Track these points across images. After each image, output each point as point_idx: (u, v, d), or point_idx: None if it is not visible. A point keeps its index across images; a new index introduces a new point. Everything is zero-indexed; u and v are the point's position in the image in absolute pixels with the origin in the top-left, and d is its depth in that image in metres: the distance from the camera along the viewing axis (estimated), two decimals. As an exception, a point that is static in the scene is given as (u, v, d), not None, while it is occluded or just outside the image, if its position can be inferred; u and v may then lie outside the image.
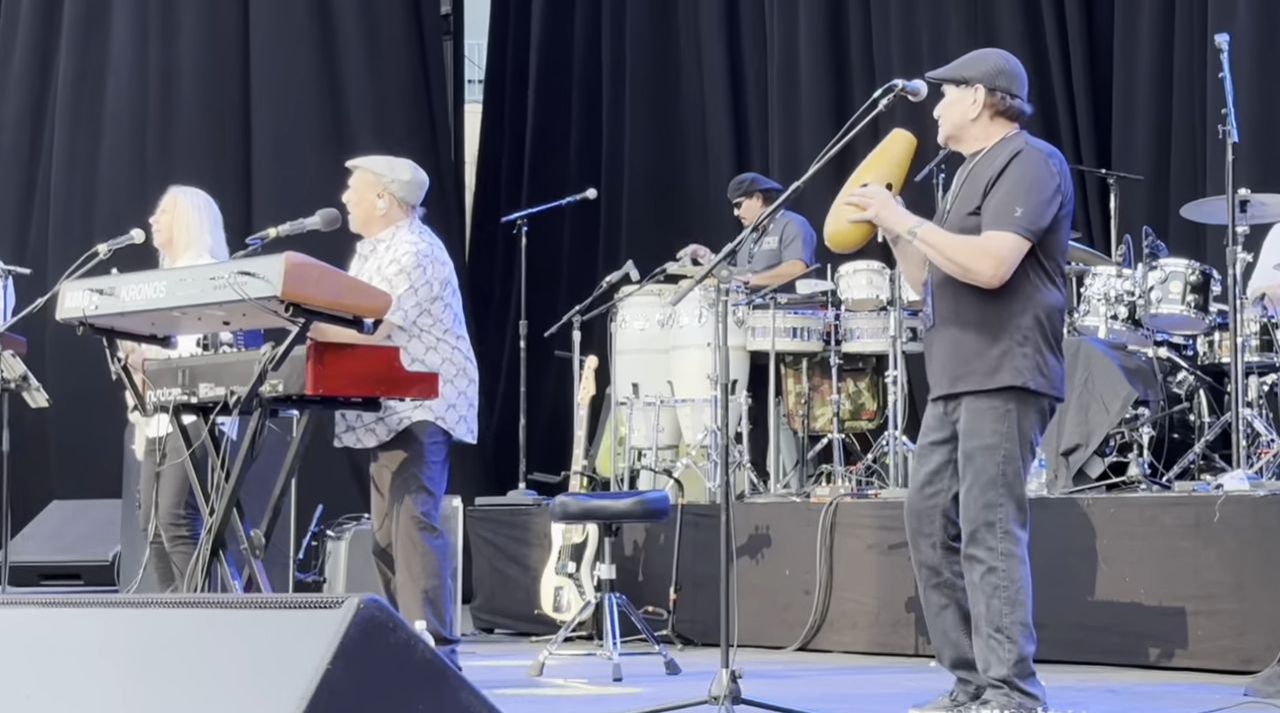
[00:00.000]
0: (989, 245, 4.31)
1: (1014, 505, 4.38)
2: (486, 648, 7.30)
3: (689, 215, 10.46)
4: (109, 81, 10.16)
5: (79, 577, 7.65)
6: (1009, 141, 4.45)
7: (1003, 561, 4.35)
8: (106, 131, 10.15)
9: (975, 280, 4.34)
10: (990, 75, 4.45)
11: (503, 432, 10.40)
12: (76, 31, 10.16)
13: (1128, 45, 8.90)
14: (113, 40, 10.16)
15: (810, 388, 7.91)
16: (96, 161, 10.14)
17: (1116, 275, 6.88)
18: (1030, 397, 4.39)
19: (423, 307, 5.39)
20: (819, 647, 6.80)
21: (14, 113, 10.30)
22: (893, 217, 4.40)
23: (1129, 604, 5.99)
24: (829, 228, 4.49)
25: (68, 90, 10.13)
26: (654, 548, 7.37)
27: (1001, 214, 4.32)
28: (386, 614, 2.40)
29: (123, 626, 2.64)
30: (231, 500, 5.07)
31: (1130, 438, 6.51)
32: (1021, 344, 4.36)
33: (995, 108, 4.45)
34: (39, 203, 10.24)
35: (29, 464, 9.55)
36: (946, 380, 4.46)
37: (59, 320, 5.24)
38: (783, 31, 10.00)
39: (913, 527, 4.55)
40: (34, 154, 10.29)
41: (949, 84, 4.50)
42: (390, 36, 10.51)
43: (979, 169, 4.45)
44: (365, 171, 5.57)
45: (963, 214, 4.41)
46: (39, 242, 10.14)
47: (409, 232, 5.49)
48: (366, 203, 5.53)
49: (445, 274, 5.47)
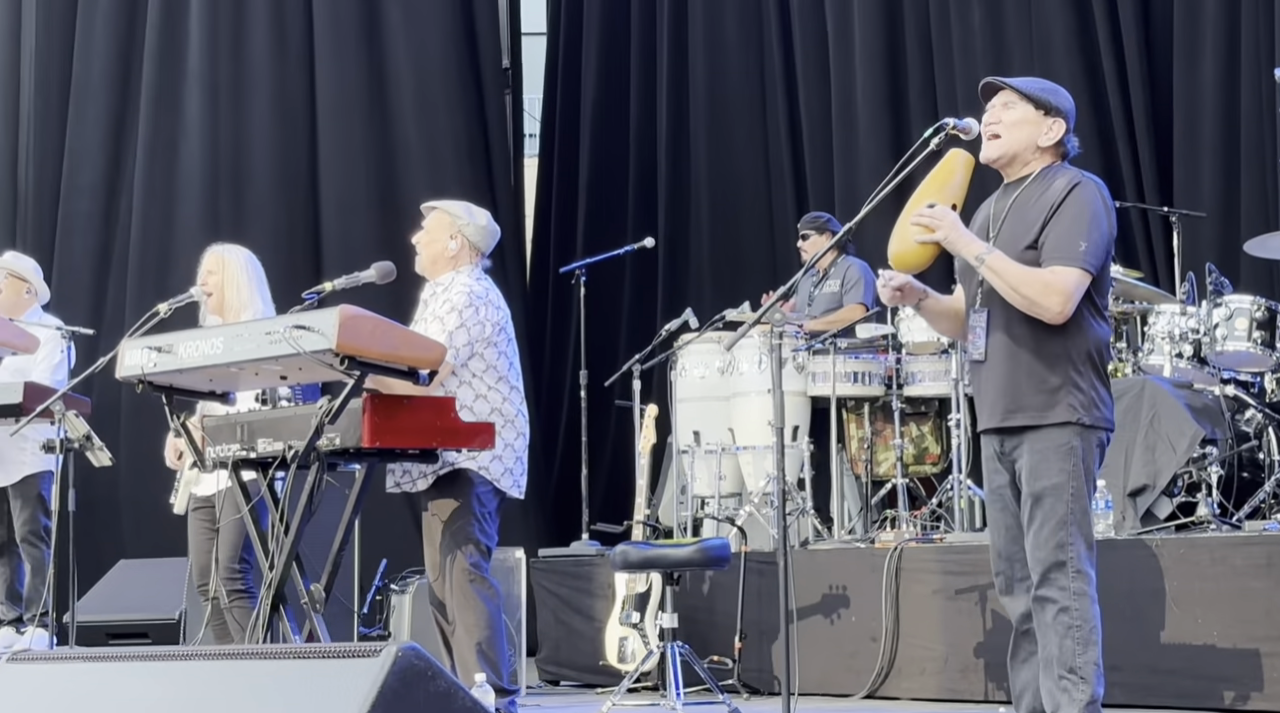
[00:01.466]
0: (1055, 281, 4.25)
1: (1084, 544, 4.32)
2: (552, 700, 7.26)
3: (748, 262, 10.44)
4: (181, 150, 10.33)
5: (146, 635, 7.67)
6: (1057, 171, 4.38)
7: (1075, 600, 4.29)
8: (181, 198, 10.31)
9: (1040, 314, 4.28)
10: (1069, 113, 4.41)
11: (565, 482, 10.39)
12: (150, 101, 10.34)
13: (1189, 82, 8.82)
14: (185, 110, 10.33)
15: (873, 433, 7.84)
16: (171, 227, 10.30)
17: (1180, 313, 6.80)
18: (1089, 431, 4.34)
19: (474, 348, 5.38)
20: (887, 694, 6.71)
21: (90, 181, 10.48)
22: (962, 240, 4.32)
23: (1201, 647, 5.88)
24: (894, 248, 4.37)
25: (144, 158, 10.31)
26: (719, 597, 7.32)
27: (1066, 248, 4.26)
28: (425, 663, 2.38)
29: (165, 678, 2.64)
30: (291, 555, 5.08)
31: (1198, 477, 6.40)
32: (1078, 378, 4.31)
33: (1060, 145, 4.40)
34: (115, 269, 10.38)
35: (100, 524, 9.65)
36: (999, 413, 4.40)
37: (119, 379, 5.29)
38: (841, 75, 9.99)
39: (1006, 574, 4.46)
40: (109, 221, 10.45)
41: (1027, 103, 4.40)
42: (450, 92, 10.61)
43: (1028, 198, 4.37)
44: (442, 212, 5.62)
45: (1018, 248, 4.33)
46: (115, 307, 10.27)
47: (467, 276, 5.52)
48: (439, 243, 5.56)
49: (499, 318, 5.46)
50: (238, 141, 10.40)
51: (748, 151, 10.66)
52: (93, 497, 9.42)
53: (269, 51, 10.46)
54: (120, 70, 10.48)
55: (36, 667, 2.93)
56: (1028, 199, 4.38)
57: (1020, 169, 4.43)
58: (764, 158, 10.58)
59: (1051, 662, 4.30)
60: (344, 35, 10.53)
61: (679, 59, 10.92)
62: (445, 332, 5.29)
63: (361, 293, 5.80)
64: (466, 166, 10.49)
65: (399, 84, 10.54)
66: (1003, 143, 4.39)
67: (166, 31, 10.41)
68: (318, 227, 10.45)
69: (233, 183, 10.38)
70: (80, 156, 10.46)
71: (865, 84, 9.84)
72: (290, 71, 10.50)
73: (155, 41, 10.38)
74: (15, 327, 7.06)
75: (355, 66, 10.52)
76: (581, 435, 8.59)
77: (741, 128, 10.69)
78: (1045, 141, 4.37)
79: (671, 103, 10.91)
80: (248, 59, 10.46)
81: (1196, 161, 8.77)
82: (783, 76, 10.45)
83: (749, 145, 10.65)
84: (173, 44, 10.41)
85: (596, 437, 9.19)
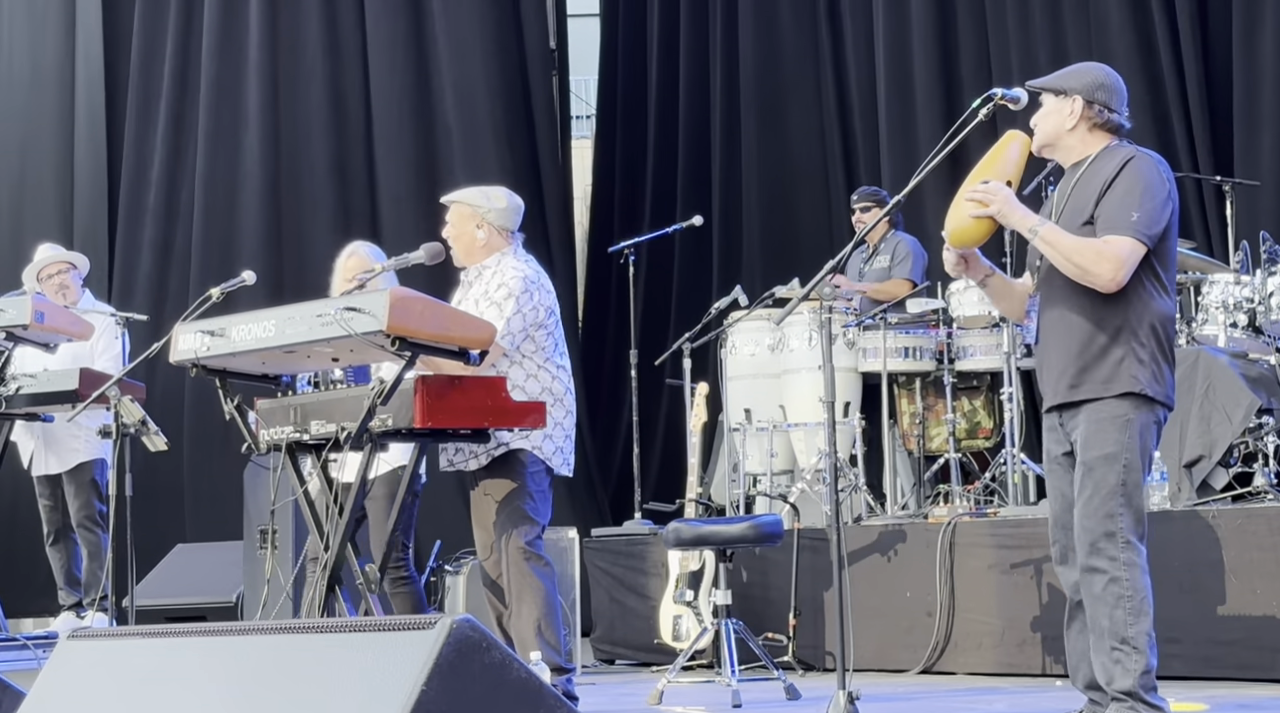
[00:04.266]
0: (1107, 249, 4.28)
1: (1133, 516, 4.31)
2: (607, 679, 7.28)
3: (801, 241, 10.42)
4: (243, 141, 10.40)
5: (204, 618, 7.73)
6: (1115, 150, 4.42)
7: (1126, 570, 4.27)
8: (242, 188, 10.39)
9: (1094, 283, 4.30)
10: (1089, 88, 4.43)
11: (618, 462, 10.40)
12: (210, 94, 10.43)
13: (1247, 53, 8.75)
14: (245, 102, 10.41)
15: (925, 408, 7.82)
16: (233, 218, 10.38)
17: (1235, 282, 6.74)
18: (1147, 404, 4.33)
19: (528, 332, 5.42)
20: (944, 668, 6.69)
21: (154, 175, 10.58)
22: (1015, 214, 4.37)
23: (1261, 618, 5.84)
24: (950, 224, 4.44)
25: (205, 150, 10.39)
26: (773, 574, 7.31)
27: (1118, 219, 4.29)
28: (480, 634, 2.39)
29: (224, 653, 2.66)
30: (346, 536, 5.10)
31: (1255, 447, 6.35)
32: (1139, 351, 4.32)
33: (1092, 120, 4.43)
34: (177, 260, 10.47)
35: (165, 509, 9.74)
36: (1064, 389, 4.40)
37: (172, 363, 5.32)
38: (894, 52, 9.95)
39: (1062, 543, 4.47)
40: (170, 213, 10.54)
41: (1048, 93, 4.48)
42: (495, 75, 10.64)
43: (1086, 178, 4.42)
44: (461, 205, 5.61)
45: (1076, 224, 4.37)
46: (178, 297, 10.37)
47: (514, 258, 5.53)
48: (467, 236, 5.57)
49: (549, 302, 5.51)
50: (295, 132, 10.47)
51: (800, 129, 10.64)
52: (156, 483, 9.54)
53: (322, 42, 10.54)
54: (179, 64, 10.56)
55: (98, 643, 2.97)
56: (1086, 178, 4.43)
57: (1070, 155, 4.49)
58: (818, 135, 10.57)
59: (1103, 634, 4.28)
60: (393, 24, 10.58)
61: (730, 39, 10.91)
62: (502, 317, 5.31)
63: (404, 276, 5.82)
64: (510, 150, 10.53)
65: (446, 68, 10.59)
66: (1038, 135, 4.50)
67: (225, 24, 10.49)
68: (375, 214, 10.53)
69: (291, 173, 10.46)
70: (150, 151, 10.55)
71: (920, 61, 9.80)
72: (343, 61, 10.58)
73: (214, 33, 10.46)
74: (71, 314, 7.12)
75: (404, 54, 10.59)
76: (633, 415, 8.60)
77: (794, 106, 10.67)
78: (1070, 122, 4.42)
79: (725, 82, 10.89)
80: (302, 50, 10.54)
81: (1256, 131, 8.69)
82: (831, 54, 10.42)
83: (801, 123, 10.63)
84: (232, 36, 10.49)
85: (648, 416, 9.19)
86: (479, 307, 5.43)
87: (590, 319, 11.28)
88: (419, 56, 10.60)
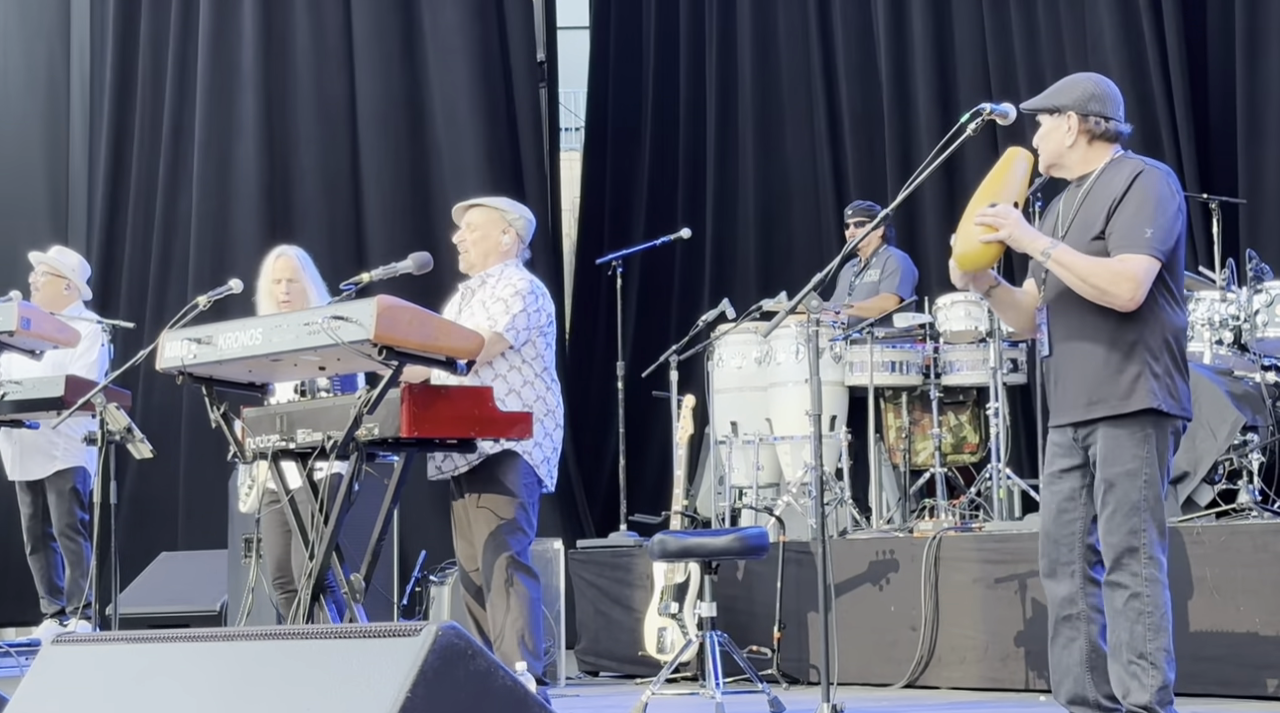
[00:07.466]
0: (1124, 268, 4.26)
1: (1156, 530, 4.32)
2: (591, 691, 7.27)
3: (795, 256, 10.42)
4: (237, 151, 10.40)
5: (188, 627, 7.73)
6: (1122, 163, 4.40)
7: (1147, 586, 4.29)
8: (236, 197, 10.39)
9: (1111, 303, 4.28)
10: (1081, 101, 4.41)
11: (603, 474, 10.39)
12: (207, 102, 10.41)
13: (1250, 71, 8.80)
14: (239, 112, 10.40)
15: (911, 422, 7.83)
16: (228, 228, 10.38)
17: (1221, 300, 6.76)
18: (1165, 419, 4.33)
19: (530, 334, 5.47)
20: (927, 683, 6.70)
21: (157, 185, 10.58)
22: (1026, 237, 4.34)
23: (1244, 635, 5.85)
24: (959, 249, 4.38)
25: (200, 159, 10.39)
26: (757, 587, 7.31)
27: (1132, 236, 4.27)
28: (465, 642, 2.39)
29: (209, 659, 2.66)
30: (331, 545, 5.10)
31: (1239, 464, 6.37)
32: (1154, 366, 4.31)
33: (1091, 132, 4.41)
34: (175, 269, 10.45)
35: (159, 518, 9.72)
36: (1081, 406, 4.38)
37: (159, 370, 5.31)
38: (892, 69, 9.97)
39: (1051, 556, 4.46)
40: (168, 223, 10.52)
41: (1043, 113, 4.47)
42: (481, 88, 10.62)
43: (1095, 192, 4.39)
44: (490, 209, 5.68)
45: (1085, 239, 4.35)
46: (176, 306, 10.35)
47: (517, 268, 5.65)
48: (492, 238, 5.62)
49: (551, 311, 5.62)
50: (286, 143, 10.47)
51: (795, 145, 10.63)
52: (150, 491, 9.53)
53: (310, 52, 10.53)
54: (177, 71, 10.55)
55: (82, 648, 2.96)
56: (1093, 193, 4.41)
57: (1076, 170, 4.47)
58: (810, 151, 10.56)
59: (1121, 647, 4.28)
60: (381, 36, 10.57)
61: (727, 52, 10.91)
62: (509, 314, 5.36)
63: (392, 285, 5.83)
64: (496, 161, 10.52)
65: (432, 79, 10.57)
66: (1042, 157, 4.49)
67: (219, 31, 10.48)
68: (360, 226, 10.52)
69: (283, 184, 10.45)
70: (145, 159, 10.53)
71: (919, 80, 9.82)
72: (331, 73, 10.55)
73: (209, 40, 10.45)
74: (56, 321, 7.09)
75: (391, 66, 10.57)
76: (619, 427, 8.59)
77: (789, 122, 10.67)
78: (1069, 139, 4.41)
79: (720, 94, 10.90)
80: (291, 60, 10.53)
81: (1260, 147, 8.72)
82: (824, 69, 10.43)
83: (796, 139, 10.63)
84: (225, 44, 10.48)
85: (635, 428, 9.19)
86: (486, 307, 5.47)
87: (578, 331, 11.27)
88: (404, 67, 10.56)
